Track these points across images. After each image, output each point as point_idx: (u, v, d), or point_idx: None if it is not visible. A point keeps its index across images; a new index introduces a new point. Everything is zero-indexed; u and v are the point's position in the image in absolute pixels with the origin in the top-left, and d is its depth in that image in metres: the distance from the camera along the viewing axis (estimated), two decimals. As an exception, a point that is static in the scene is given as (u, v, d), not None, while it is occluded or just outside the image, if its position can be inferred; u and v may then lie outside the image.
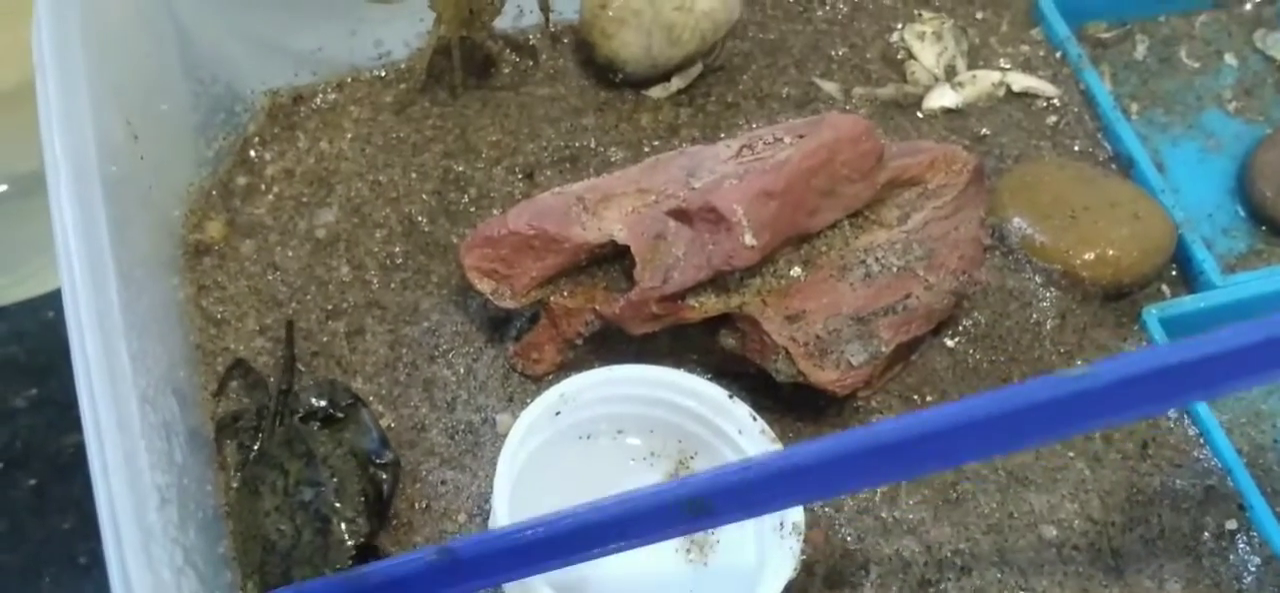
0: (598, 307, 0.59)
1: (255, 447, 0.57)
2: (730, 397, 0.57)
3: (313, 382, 0.60)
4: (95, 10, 0.54)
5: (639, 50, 0.70)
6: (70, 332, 0.44)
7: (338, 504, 0.54)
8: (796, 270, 0.59)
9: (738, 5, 0.71)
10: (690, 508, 0.42)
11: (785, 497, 0.45)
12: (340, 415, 0.58)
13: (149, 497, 0.43)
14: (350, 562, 0.53)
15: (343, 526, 0.53)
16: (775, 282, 0.59)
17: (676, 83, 0.72)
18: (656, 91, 0.72)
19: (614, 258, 0.59)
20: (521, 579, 0.48)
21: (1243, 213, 0.74)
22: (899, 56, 0.76)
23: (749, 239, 0.56)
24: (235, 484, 0.57)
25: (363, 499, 0.54)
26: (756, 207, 0.56)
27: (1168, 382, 0.38)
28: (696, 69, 0.72)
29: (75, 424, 0.69)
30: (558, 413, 0.56)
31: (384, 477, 0.56)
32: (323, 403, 0.58)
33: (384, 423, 0.59)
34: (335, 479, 0.55)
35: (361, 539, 0.53)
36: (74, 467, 0.69)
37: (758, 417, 0.57)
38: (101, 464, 0.42)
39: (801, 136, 0.60)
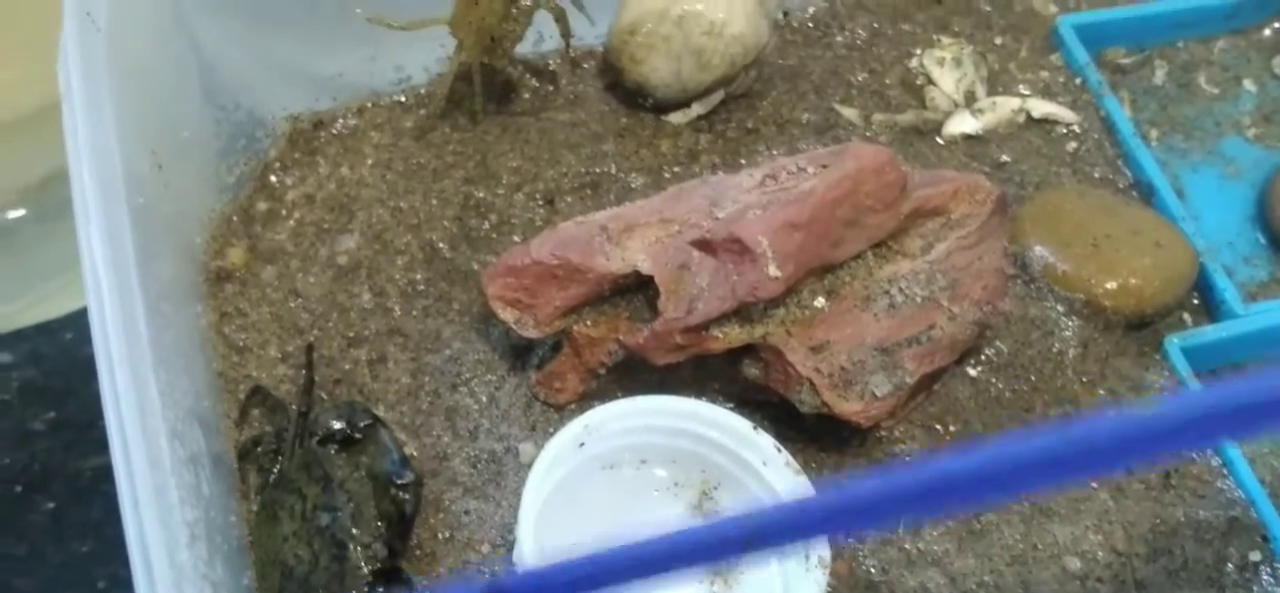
0: (621, 337, 0.59)
1: (274, 471, 0.57)
2: (754, 428, 0.57)
3: (331, 405, 0.60)
4: (119, 41, 0.54)
5: (668, 75, 0.70)
6: (99, 367, 0.44)
7: (354, 530, 0.54)
8: (820, 301, 0.59)
9: (766, 30, 0.71)
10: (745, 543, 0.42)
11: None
12: (359, 437, 0.58)
13: (180, 533, 0.43)
14: (366, 588, 0.52)
15: (359, 551, 0.53)
16: (799, 312, 0.58)
17: (697, 108, 0.72)
18: (677, 117, 0.72)
19: (637, 288, 0.59)
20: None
21: (1263, 240, 0.73)
22: (918, 82, 0.76)
23: (774, 270, 0.56)
24: (255, 509, 0.57)
25: (381, 524, 0.54)
26: (781, 238, 0.56)
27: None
28: (718, 96, 0.72)
29: (94, 447, 0.70)
30: (582, 444, 0.56)
31: (406, 496, 0.56)
32: (341, 425, 0.58)
33: (407, 451, 0.59)
34: (351, 504, 0.55)
35: (378, 564, 0.53)
36: (93, 490, 0.69)
37: (782, 449, 0.57)
38: (132, 501, 0.42)
39: (825, 166, 0.60)
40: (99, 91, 0.51)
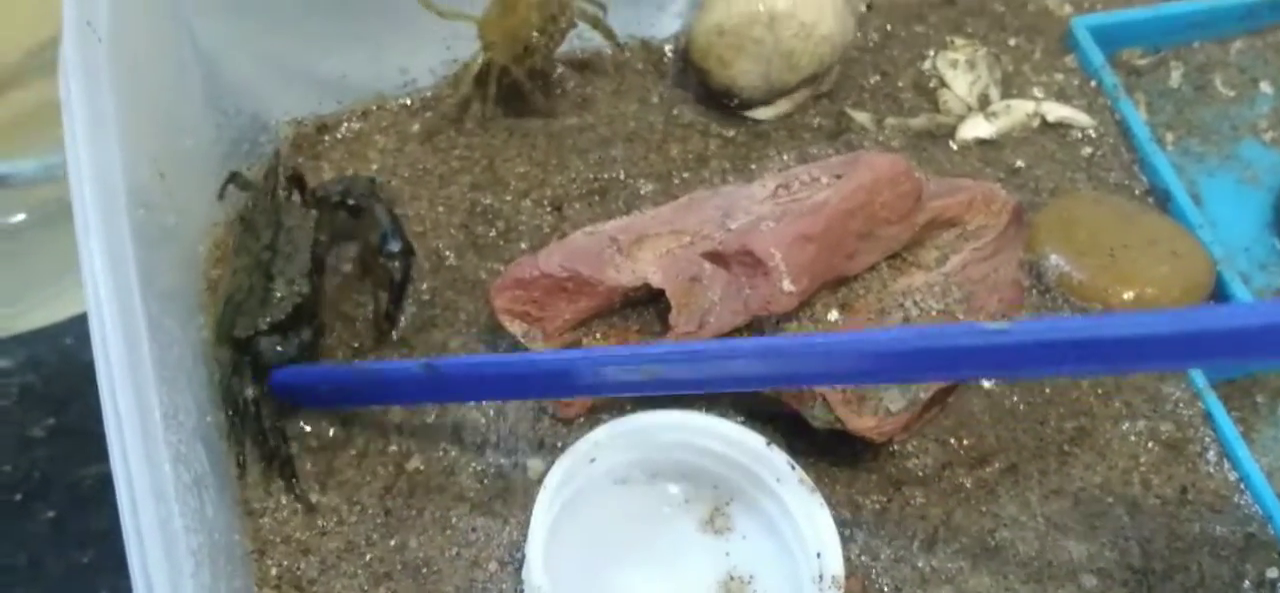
0: (631, 350, 0.58)
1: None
2: (768, 444, 0.56)
3: (338, 177, 0.65)
4: (121, 49, 0.53)
5: (757, 78, 0.69)
6: (102, 388, 0.43)
7: (284, 266, 0.59)
8: (834, 314, 0.58)
9: (852, 26, 0.71)
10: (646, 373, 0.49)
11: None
12: (358, 207, 0.63)
13: (184, 563, 0.42)
14: (284, 316, 0.58)
15: (280, 282, 0.58)
16: (813, 325, 0.58)
17: (784, 105, 0.72)
18: (763, 112, 0.72)
19: (648, 300, 0.58)
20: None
21: (1279, 246, 0.73)
22: (931, 85, 0.75)
23: (788, 285, 0.55)
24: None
25: (308, 265, 0.59)
26: (795, 251, 0.55)
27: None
28: (805, 92, 0.72)
29: (95, 455, 0.69)
30: (593, 460, 0.55)
31: (394, 265, 0.61)
32: (340, 195, 0.63)
33: (412, 466, 0.58)
34: (289, 247, 0.60)
35: (299, 299, 0.58)
36: (94, 498, 0.68)
37: (795, 466, 0.56)
38: (136, 532, 0.41)
39: (839, 176, 0.59)
40: (100, 102, 0.50)
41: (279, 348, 0.57)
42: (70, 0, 0.51)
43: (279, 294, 0.58)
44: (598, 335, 0.59)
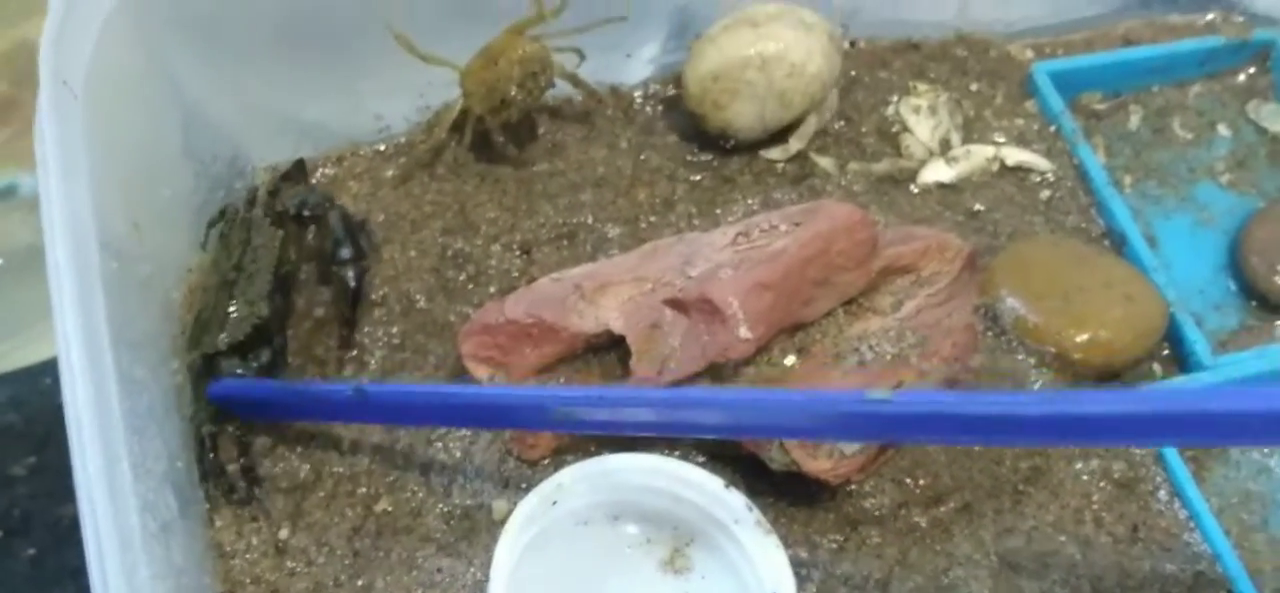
0: (594, 395, 0.59)
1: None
2: (726, 486, 0.58)
3: (294, 188, 0.67)
4: (98, 105, 0.54)
5: (752, 119, 0.72)
6: (71, 443, 0.45)
7: (246, 286, 0.61)
8: (791, 358, 0.59)
9: (839, 60, 0.74)
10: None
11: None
12: (312, 218, 0.65)
13: (149, 613, 0.43)
14: (243, 336, 0.60)
15: (240, 302, 0.61)
16: (770, 370, 0.59)
17: (795, 144, 0.74)
18: (775, 153, 0.74)
19: (610, 346, 0.60)
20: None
21: (1234, 287, 0.74)
22: (894, 130, 0.77)
23: (744, 332, 0.57)
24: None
25: (269, 286, 0.61)
26: (752, 299, 0.57)
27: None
28: (812, 126, 0.74)
29: (74, 493, 0.70)
30: (555, 502, 0.57)
31: (349, 274, 0.64)
32: (296, 206, 0.65)
33: (381, 508, 0.60)
34: (253, 266, 0.62)
35: (258, 321, 0.60)
36: (73, 536, 0.68)
37: (753, 507, 0.57)
38: (102, 582, 0.42)
39: (798, 224, 0.61)
40: (75, 162, 0.51)
41: (238, 371, 0.59)
42: (46, 59, 0.52)
43: (238, 314, 0.60)
44: (562, 380, 0.60)
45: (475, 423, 0.60)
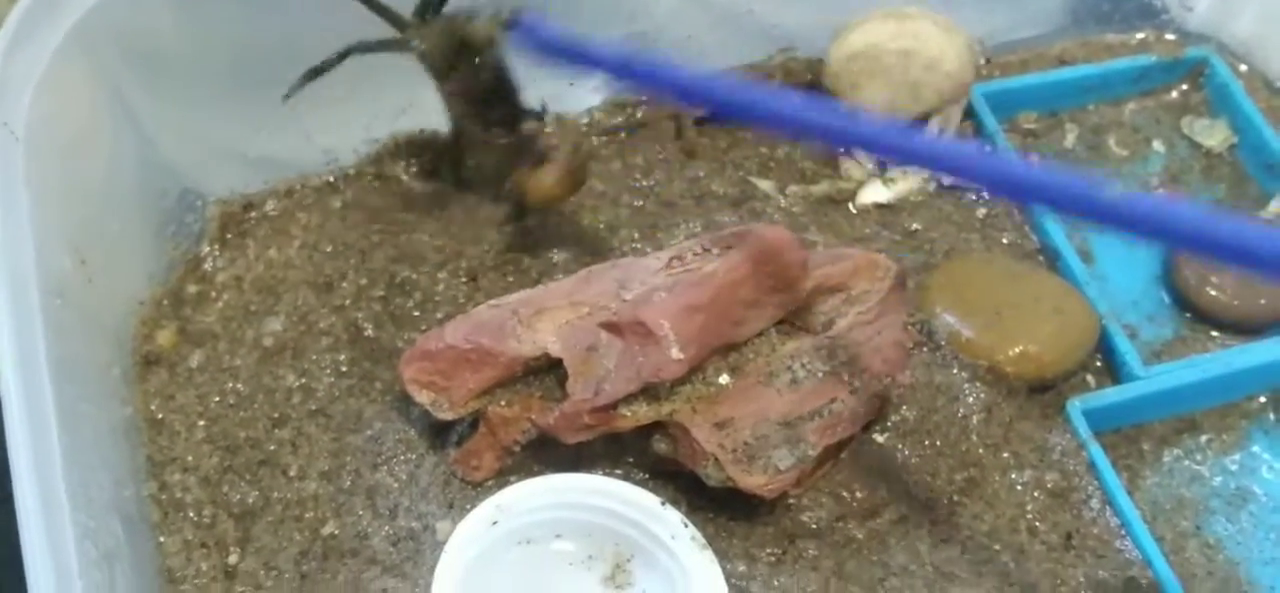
0: (533, 416, 0.61)
1: None
2: (662, 504, 0.59)
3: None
4: (43, 144, 0.56)
5: (883, 103, 0.76)
6: (13, 477, 0.46)
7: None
8: (724, 378, 0.61)
9: (972, 72, 0.78)
10: None
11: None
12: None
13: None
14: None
15: None
16: (704, 389, 0.61)
17: None
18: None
19: (549, 369, 0.61)
20: None
21: (1167, 300, 0.76)
22: (833, 153, 0.79)
23: (676, 353, 0.58)
24: None
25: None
26: (683, 321, 0.59)
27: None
28: (934, 128, 0.77)
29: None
30: (495, 522, 0.58)
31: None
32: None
33: (327, 531, 0.61)
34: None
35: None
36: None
37: (689, 524, 0.59)
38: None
39: (729, 248, 0.62)
40: (15, 198, 0.53)
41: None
42: (-12, 102, 0.54)
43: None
44: (502, 403, 0.62)
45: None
